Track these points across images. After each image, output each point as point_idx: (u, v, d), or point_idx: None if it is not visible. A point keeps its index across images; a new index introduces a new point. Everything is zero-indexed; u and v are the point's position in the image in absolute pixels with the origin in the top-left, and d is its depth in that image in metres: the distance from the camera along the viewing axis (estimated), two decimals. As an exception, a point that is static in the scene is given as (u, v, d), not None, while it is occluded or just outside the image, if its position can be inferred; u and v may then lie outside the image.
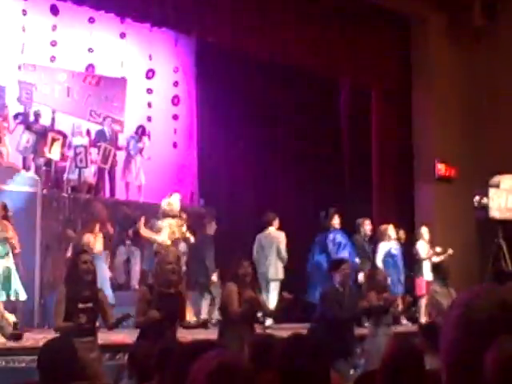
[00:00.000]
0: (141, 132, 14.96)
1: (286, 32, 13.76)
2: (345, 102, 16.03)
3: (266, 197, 15.17)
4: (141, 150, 14.78)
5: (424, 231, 14.04)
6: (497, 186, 14.81)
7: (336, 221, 13.19)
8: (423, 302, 13.76)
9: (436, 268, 13.92)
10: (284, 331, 8.61)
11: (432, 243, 14.01)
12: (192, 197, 15.40)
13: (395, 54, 15.93)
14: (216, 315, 11.83)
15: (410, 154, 16.02)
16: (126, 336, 9.16)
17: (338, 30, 14.65)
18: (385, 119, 15.82)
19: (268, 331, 9.58)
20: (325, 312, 8.77)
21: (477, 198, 14.55)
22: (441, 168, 15.88)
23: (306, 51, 14.10)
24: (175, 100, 16.22)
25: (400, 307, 12.37)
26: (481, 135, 15.94)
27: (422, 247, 13.90)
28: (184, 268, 10.97)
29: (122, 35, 15.59)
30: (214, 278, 12.46)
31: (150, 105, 16.07)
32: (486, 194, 14.64)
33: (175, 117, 16.25)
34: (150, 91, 16.06)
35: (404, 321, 13.43)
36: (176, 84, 16.33)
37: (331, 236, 13.14)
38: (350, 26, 14.87)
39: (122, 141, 14.90)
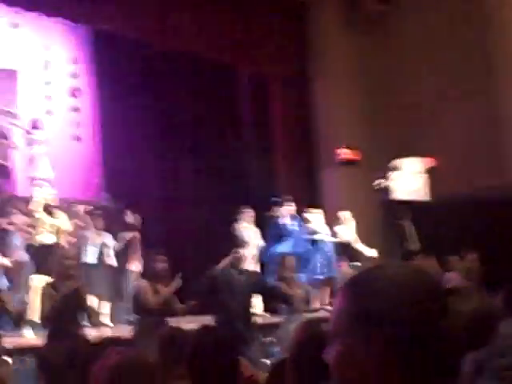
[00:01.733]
0: (32, 125, 14.46)
1: (181, 18, 13.63)
2: (244, 89, 15.85)
3: (171, 188, 14.94)
4: (38, 144, 14.32)
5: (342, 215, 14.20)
6: (396, 168, 14.80)
7: (286, 209, 13.23)
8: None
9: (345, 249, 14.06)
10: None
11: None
12: (96, 190, 15.05)
13: (292, 40, 15.77)
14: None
15: (314, 140, 16.07)
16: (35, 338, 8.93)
17: (234, 16, 14.51)
18: (286, 107, 15.71)
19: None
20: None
21: (376, 181, 14.57)
22: (345, 152, 15.99)
23: (201, 37, 13.96)
24: (75, 92, 15.81)
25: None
26: (381, 120, 15.98)
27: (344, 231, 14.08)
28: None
29: (15, 25, 15.10)
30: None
31: (49, 98, 15.67)
32: (386, 177, 14.66)
33: (76, 109, 15.86)
34: (48, 83, 15.62)
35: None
36: (75, 75, 15.93)
37: (282, 222, 13.20)
38: (245, 12, 14.71)
39: (17, 135, 14.49)
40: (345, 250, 14.09)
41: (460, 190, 14.42)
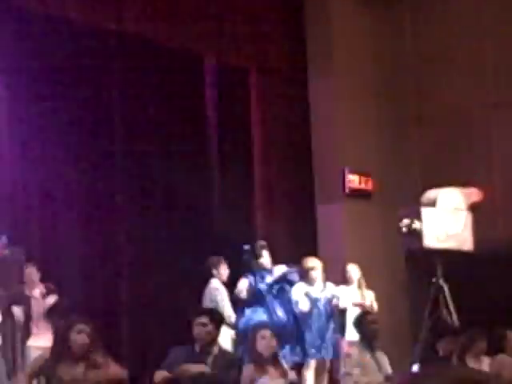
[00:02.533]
0: None
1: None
2: (213, 87, 12.68)
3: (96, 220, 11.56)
4: None
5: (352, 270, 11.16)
6: (432, 204, 11.43)
7: (266, 259, 10.61)
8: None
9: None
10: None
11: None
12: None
13: (282, 25, 13.24)
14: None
15: (309, 160, 12.98)
16: None
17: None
18: (270, 114, 12.91)
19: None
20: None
21: (405, 221, 11.11)
22: (352, 179, 12.86)
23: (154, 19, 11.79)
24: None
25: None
26: (405, 137, 13.41)
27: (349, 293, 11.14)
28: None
29: None
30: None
31: None
32: (417, 216, 11.17)
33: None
34: None
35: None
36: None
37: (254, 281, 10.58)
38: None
39: None
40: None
41: None
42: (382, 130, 13.16)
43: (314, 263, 10.52)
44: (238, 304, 10.46)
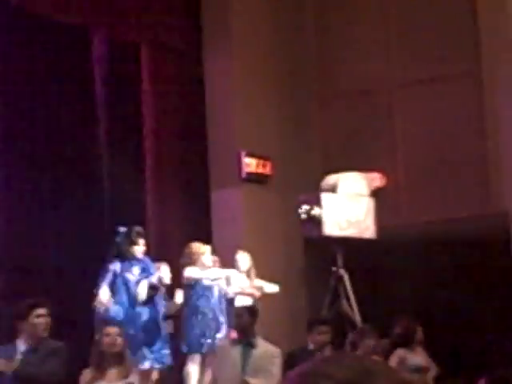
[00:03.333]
0: None
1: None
2: (102, 62, 11.61)
3: None
4: None
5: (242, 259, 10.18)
6: (333, 189, 10.89)
7: (141, 248, 9.40)
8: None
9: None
10: None
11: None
12: None
13: None
14: None
15: (204, 142, 12.03)
16: None
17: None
18: (163, 92, 11.88)
19: None
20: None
21: (305, 207, 10.55)
22: (249, 163, 11.95)
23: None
24: None
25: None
26: (306, 120, 12.52)
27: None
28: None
29: None
30: None
31: None
32: (317, 202, 10.59)
33: None
34: None
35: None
36: None
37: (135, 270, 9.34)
38: None
39: None
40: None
41: (422, 222, 11.44)
42: (282, 113, 12.28)
43: (202, 248, 9.79)
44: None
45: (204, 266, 9.40)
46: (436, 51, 11.48)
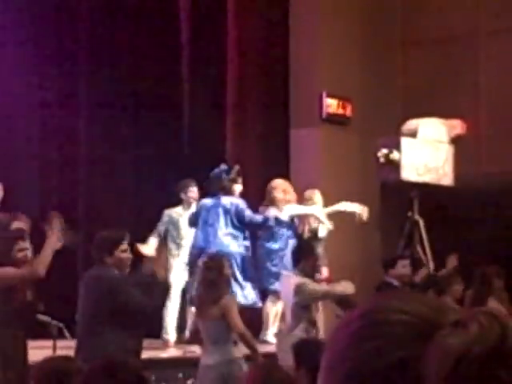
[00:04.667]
0: None
1: None
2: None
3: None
4: None
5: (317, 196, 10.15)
6: (413, 134, 10.73)
7: (239, 187, 9.59)
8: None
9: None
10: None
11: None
12: None
13: None
14: None
15: (286, 81, 11.94)
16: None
17: None
18: (247, 30, 11.76)
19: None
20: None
21: (383, 150, 10.44)
22: (330, 104, 11.83)
23: None
24: None
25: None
26: (389, 63, 12.39)
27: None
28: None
29: None
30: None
31: None
32: (396, 146, 10.47)
33: None
34: None
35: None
36: None
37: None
38: None
39: None
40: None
41: (500, 172, 11.29)
42: (365, 54, 12.09)
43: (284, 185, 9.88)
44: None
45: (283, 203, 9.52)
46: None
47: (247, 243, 9.28)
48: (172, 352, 9.27)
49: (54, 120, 10.99)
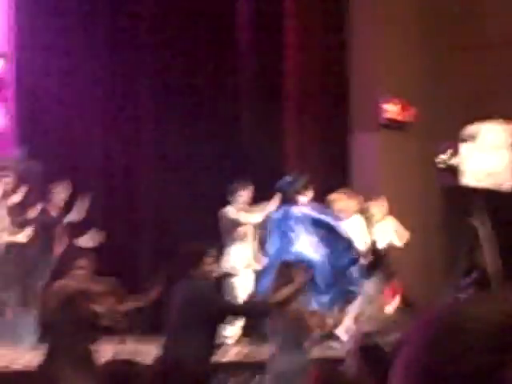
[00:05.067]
0: None
1: None
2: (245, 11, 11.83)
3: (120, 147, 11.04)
4: None
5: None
6: (473, 139, 10.82)
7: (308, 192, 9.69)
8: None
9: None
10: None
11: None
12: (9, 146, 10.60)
13: None
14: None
15: (344, 87, 12.25)
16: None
17: None
18: (307, 37, 12.11)
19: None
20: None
21: (443, 156, 10.66)
22: (389, 109, 12.14)
23: None
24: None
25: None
26: (449, 68, 12.51)
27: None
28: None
29: None
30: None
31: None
32: (455, 151, 10.73)
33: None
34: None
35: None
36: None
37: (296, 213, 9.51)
38: None
39: None
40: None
41: None
42: (424, 59, 12.36)
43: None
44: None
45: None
46: None
47: (322, 248, 9.44)
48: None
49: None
